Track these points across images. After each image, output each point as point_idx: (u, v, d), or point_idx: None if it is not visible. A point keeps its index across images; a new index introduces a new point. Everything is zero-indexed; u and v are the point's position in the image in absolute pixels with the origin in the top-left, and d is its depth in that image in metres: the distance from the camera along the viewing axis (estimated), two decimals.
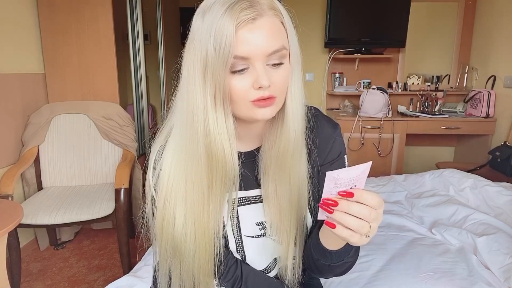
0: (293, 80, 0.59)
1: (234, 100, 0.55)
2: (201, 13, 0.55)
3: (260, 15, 0.52)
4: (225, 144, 0.57)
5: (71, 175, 2.12)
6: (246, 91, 0.55)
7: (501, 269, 1.15)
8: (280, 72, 0.56)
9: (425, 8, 3.07)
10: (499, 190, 1.63)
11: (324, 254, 0.60)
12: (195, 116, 0.56)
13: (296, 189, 0.64)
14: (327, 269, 0.63)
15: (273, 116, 0.58)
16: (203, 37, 0.53)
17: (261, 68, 0.53)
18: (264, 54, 0.53)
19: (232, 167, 0.58)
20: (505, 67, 2.56)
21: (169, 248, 0.63)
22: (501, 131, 2.56)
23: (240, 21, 0.51)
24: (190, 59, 0.55)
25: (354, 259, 0.62)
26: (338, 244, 0.58)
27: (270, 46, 0.53)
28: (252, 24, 0.52)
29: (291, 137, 0.60)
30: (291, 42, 0.57)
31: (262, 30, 0.52)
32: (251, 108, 0.56)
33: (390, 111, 2.70)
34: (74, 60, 2.25)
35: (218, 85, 0.53)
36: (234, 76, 0.54)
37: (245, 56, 0.53)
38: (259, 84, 0.53)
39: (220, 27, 0.51)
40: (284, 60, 0.56)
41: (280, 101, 0.58)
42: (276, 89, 0.56)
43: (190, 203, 0.61)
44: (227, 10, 0.51)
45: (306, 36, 3.11)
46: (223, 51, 0.51)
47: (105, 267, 1.99)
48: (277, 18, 0.55)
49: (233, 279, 0.68)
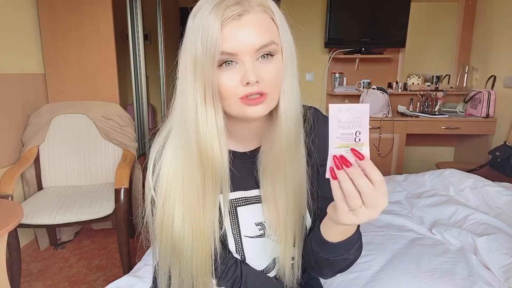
0: (286, 77, 0.58)
1: (223, 96, 0.56)
2: (193, 14, 0.56)
3: (247, 11, 0.53)
4: (214, 142, 0.57)
5: (71, 175, 2.12)
6: (235, 87, 0.54)
7: (501, 269, 1.15)
8: (270, 66, 0.55)
9: (425, 8, 3.07)
10: (499, 190, 1.63)
11: (324, 246, 0.59)
12: (188, 115, 0.56)
13: (295, 190, 0.64)
14: (326, 264, 0.61)
15: (265, 114, 0.57)
16: (193, 36, 0.54)
17: (249, 63, 0.53)
18: (252, 49, 0.53)
19: (221, 165, 0.58)
20: (505, 67, 2.56)
21: (168, 247, 0.63)
22: (501, 131, 2.56)
23: (225, 17, 0.52)
24: (183, 59, 0.57)
25: (355, 257, 0.61)
26: (339, 236, 0.57)
27: (258, 41, 0.53)
28: (238, 21, 0.52)
29: (283, 136, 0.60)
30: (283, 38, 0.57)
31: (249, 26, 0.53)
32: (241, 106, 0.56)
33: (390, 111, 2.70)
34: (74, 60, 2.25)
35: (207, 82, 0.54)
36: (223, 72, 0.54)
37: (232, 52, 0.53)
38: (247, 79, 0.53)
39: (206, 25, 0.52)
40: (274, 54, 0.56)
41: (273, 98, 0.57)
42: (266, 85, 0.55)
43: (187, 203, 0.61)
44: (214, 8, 0.52)
45: (306, 36, 3.11)
46: (209, 48, 0.52)
47: (105, 267, 1.99)
48: (266, 14, 0.55)
49: (232, 279, 0.68)
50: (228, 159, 0.60)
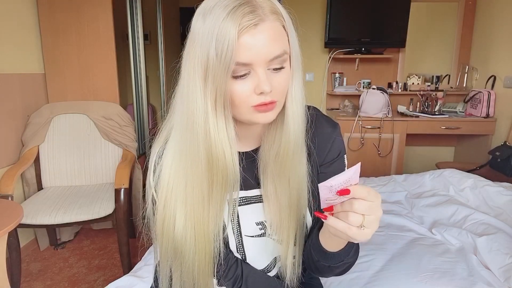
0: (294, 82, 0.59)
1: (235, 105, 0.55)
2: (201, 15, 0.54)
3: (262, 20, 0.52)
4: (226, 149, 0.57)
5: (71, 175, 2.12)
6: (247, 96, 0.54)
7: (501, 269, 1.15)
8: (281, 76, 0.56)
9: (425, 8, 3.07)
10: (499, 190, 1.63)
11: (324, 256, 0.60)
12: (196, 119, 0.56)
13: (295, 189, 0.64)
14: (327, 270, 0.63)
15: (274, 118, 0.58)
16: (204, 41, 0.52)
17: (262, 73, 0.53)
18: (266, 59, 0.53)
19: (233, 170, 0.59)
20: (505, 67, 2.56)
21: (169, 249, 0.63)
22: (501, 131, 2.56)
23: (242, 26, 0.50)
24: (191, 62, 0.55)
25: (354, 259, 0.63)
26: (338, 246, 0.58)
27: (272, 52, 0.53)
28: (254, 30, 0.51)
29: (291, 139, 0.61)
30: (292, 45, 0.57)
31: (264, 35, 0.52)
32: (252, 113, 0.56)
33: (390, 111, 2.70)
34: (74, 60, 2.25)
35: (219, 90, 0.53)
36: (235, 81, 0.54)
37: (247, 62, 0.52)
38: (261, 89, 0.53)
39: (222, 32, 0.50)
40: (285, 64, 0.56)
41: (280, 104, 0.58)
42: (277, 94, 0.56)
43: (190, 206, 0.61)
44: (229, 14, 0.50)
45: (306, 36, 3.11)
46: (224, 57, 0.50)
47: (105, 267, 1.99)
48: (278, 22, 0.54)
49: (233, 278, 0.68)
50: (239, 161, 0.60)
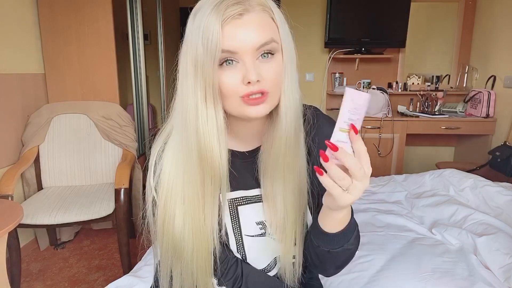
0: (286, 77, 0.58)
1: (224, 95, 0.56)
2: (193, 15, 0.56)
3: (247, 10, 0.53)
4: (214, 141, 0.57)
5: (71, 175, 2.12)
6: (235, 86, 0.55)
7: (501, 269, 1.15)
8: (270, 65, 0.55)
9: (425, 8, 3.07)
10: (499, 190, 1.63)
11: (323, 238, 0.60)
12: (188, 114, 0.56)
13: (295, 188, 0.64)
14: (328, 257, 0.62)
15: (266, 113, 0.57)
16: (193, 36, 0.54)
17: (250, 62, 0.53)
18: (253, 48, 0.53)
19: (219, 164, 0.58)
20: (505, 67, 2.56)
21: (170, 248, 0.63)
22: (501, 131, 2.56)
23: (226, 17, 0.52)
24: (183, 59, 0.57)
25: (355, 247, 0.62)
26: (337, 225, 0.58)
27: (258, 39, 0.53)
28: (239, 20, 0.53)
29: (283, 135, 0.60)
30: (283, 38, 0.57)
31: (249, 24, 0.53)
32: (242, 105, 0.56)
33: (390, 111, 2.70)
34: (74, 60, 2.25)
35: (208, 81, 0.54)
36: (223, 71, 0.54)
37: (233, 50, 0.53)
38: (248, 79, 0.53)
39: (207, 25, 0.52)
40: (275, 52, 0.56)
41: (273, 97, 0.57)
42: (267, 84, 0.55)
43: (187, 203, 0.61)
44: (214, 8, 0.52)
45: (306, 36, 3.11)
46: (210, 47, 0.52)
47: (105, 267, 1.99)
48: (266, 13, 0.55)
49: (233, 278, 0.68)
50: (228, 158, 0.60)
